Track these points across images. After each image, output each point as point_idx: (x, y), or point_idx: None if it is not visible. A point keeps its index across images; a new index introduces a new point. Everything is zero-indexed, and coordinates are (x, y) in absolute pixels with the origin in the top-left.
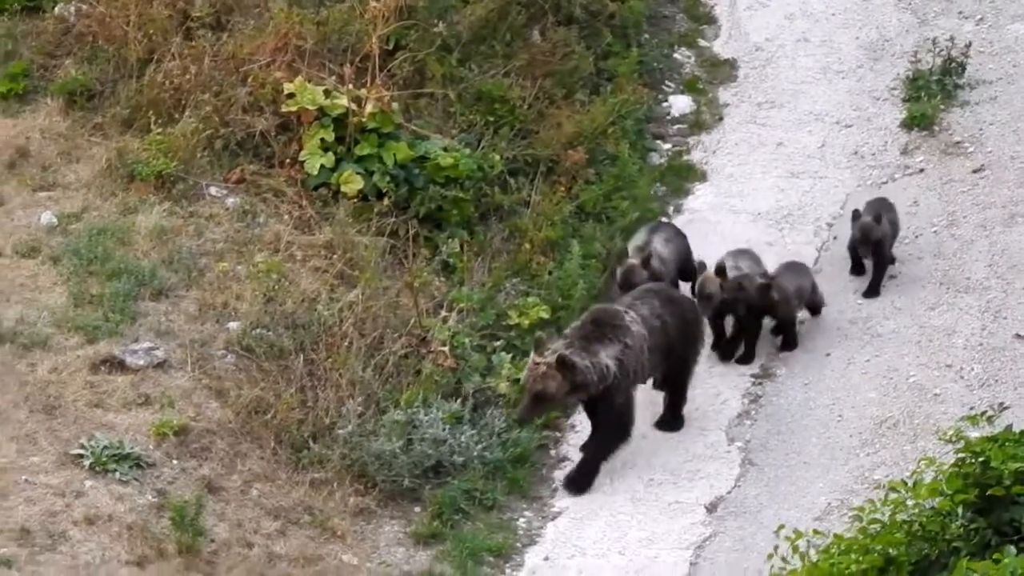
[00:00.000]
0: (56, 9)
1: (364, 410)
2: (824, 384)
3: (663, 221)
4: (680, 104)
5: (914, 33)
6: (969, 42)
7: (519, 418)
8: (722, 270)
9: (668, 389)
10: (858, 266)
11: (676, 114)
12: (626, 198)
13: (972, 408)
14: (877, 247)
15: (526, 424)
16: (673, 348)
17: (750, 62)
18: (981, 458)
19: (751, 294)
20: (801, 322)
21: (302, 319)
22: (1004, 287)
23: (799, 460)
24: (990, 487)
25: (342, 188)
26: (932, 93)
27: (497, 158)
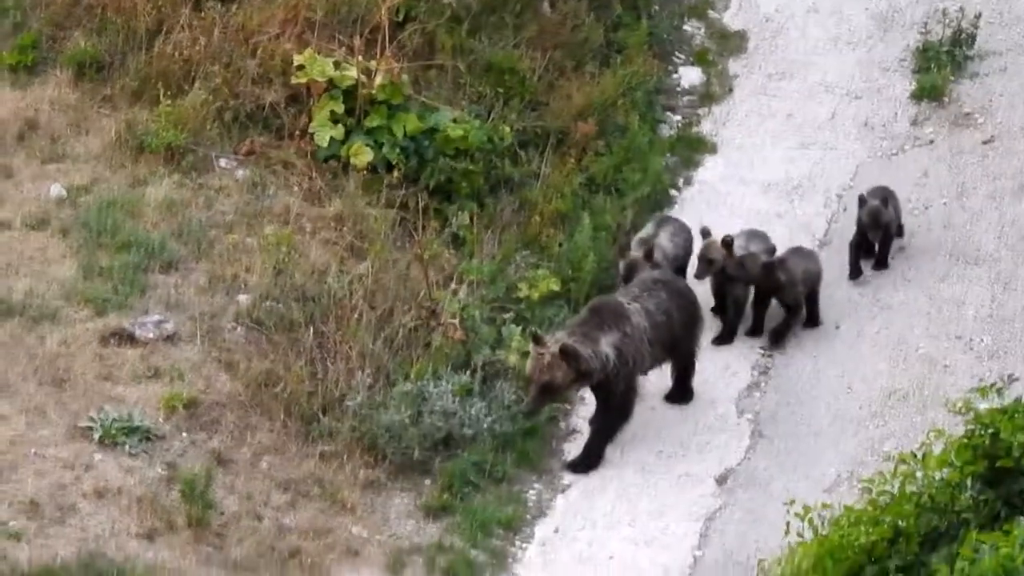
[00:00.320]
0: None
1: (374, 382)
2: (833, 356)
3: (669, 216)
4: (690, 76)
5: (924, 3)
6: (979, 13)
7: (528, 410)
8: (729, 243)
9: (676, 366)
10: (856, 269)
11: (686, 86)
12: (636, 170)
13: (981, 380)
14: (886, 229)
15: (535, 415)
16: (678, 340)
17: (760, 33)
18: (990, 430)
19: (754, 273)
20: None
21: (312, 291)
22: (1014, 258)
23: (808, 432)
24: (999, 459)
25: (352, 160)
26: (942, 64)
27: (507, 130)
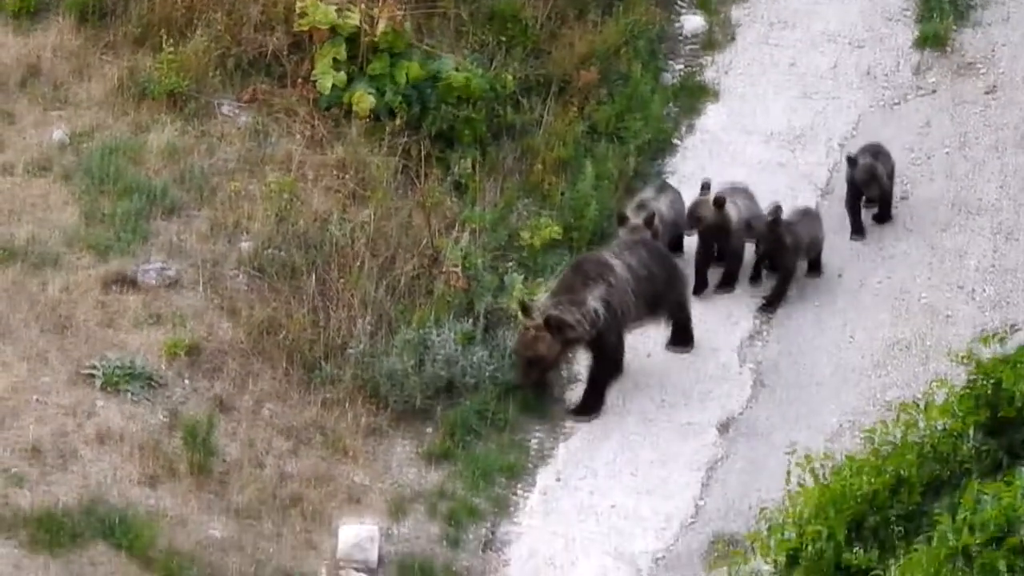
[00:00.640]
0: None
1: (376, 330)
2: (836, 305)
3: (666, 182)
4: (692, 24)
5: None
6: None
7: (518, 384)
8: (721, 203)
9: (669, 319)
10: (857, 222)
11: (688, 34)
12: (638, 118)
13: (984, 329)
14: (882, 183)
15: (527, 389)
16: (660, 297)
17: None
18: (992, 379)
19: (760, 233)
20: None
21: (314, 238)
22: (1016, 208)
23: (811, 381)
24: (1001, 408)
25: (354, 107)
26: (945, 13)
27: (509, 77)
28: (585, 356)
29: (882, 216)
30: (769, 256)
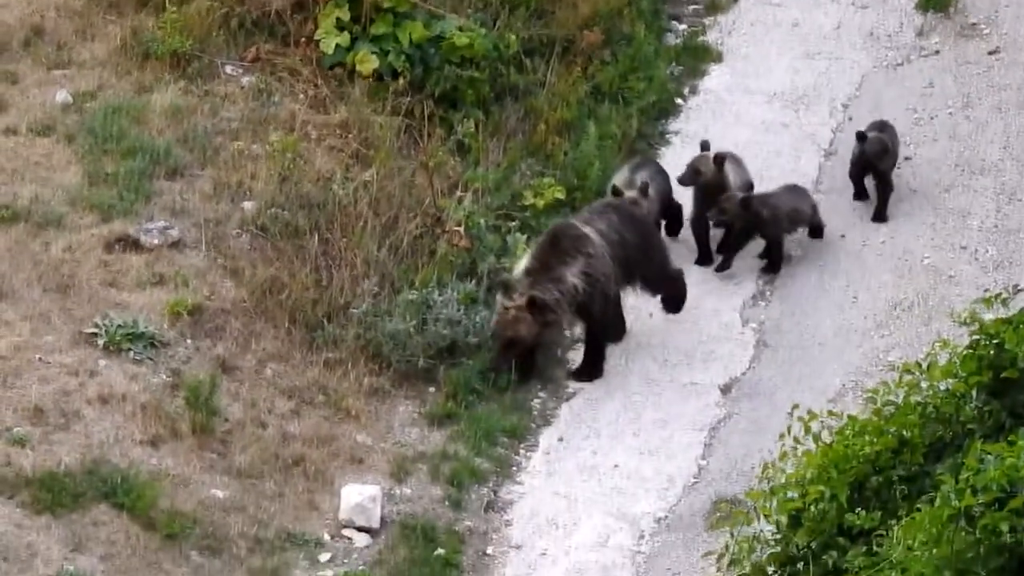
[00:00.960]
0: None
1: (379, 290)
2: (838, 266)
3: (647, 158)
4: None
5: None
6: None
7: (495, 368)
8: (721, 161)
9: (653, 287)
10: (861, 191)
11: None
12: (642, 79)
13: (987, 290)
14: (893, 157)
15: (503, 371)
16: (632, 262)
17: None
18: (995, 340)
19: (733, 214)
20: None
21: (317, 198)
22: (1019, 169)
23: (813, 342)
24: (1004, 369)
25: (357, 67)
26: None
27: (513, 38)
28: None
29: (878, 215)
30: (748, 233)
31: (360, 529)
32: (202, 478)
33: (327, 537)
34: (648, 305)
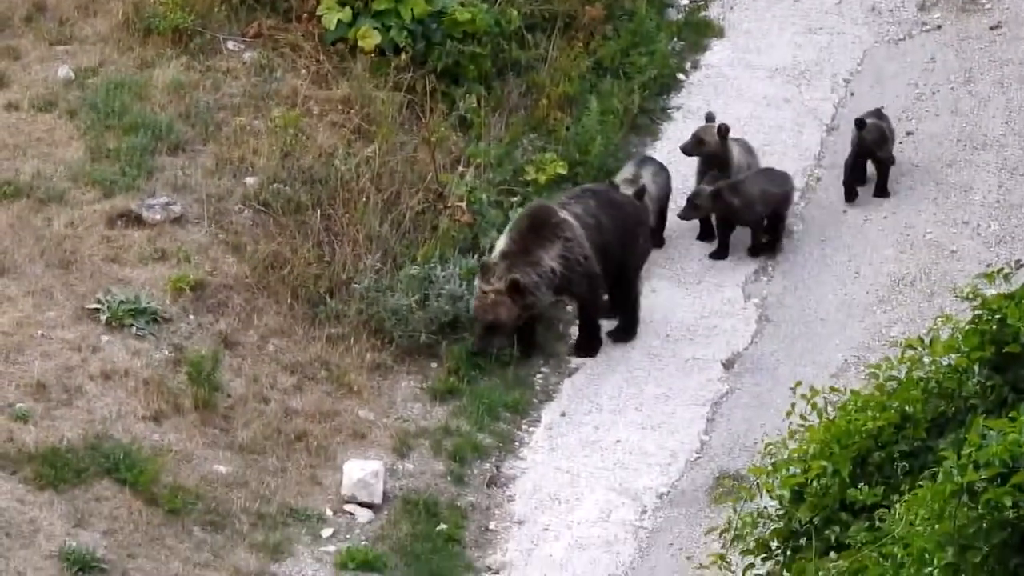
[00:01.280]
0: None
1: (381, 265)
2: (841, 241)
3: (650, 156)
4: None
5: None
6: None
7: (476, 350)
8: (724, 133)
9: (616, 303)
10: (858, 177)
11: None
12: (644, 54)
13: (989, 265)
14: (879, 150)
15: (485, 354)
16: (608, 250)
17: None
18: (998, 315)
19: (707, 207)
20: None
21: (319, 174)
22: (1021, 144)
23: (815, 317)
24: (1007, 344)
25: (359, 43)
26: None
27: (514, 13)
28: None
29: (882, 187)
30: (728, 222)
31: (362, 504)
32: (204, 453)
33: (329, 512)
34: (650, 281)
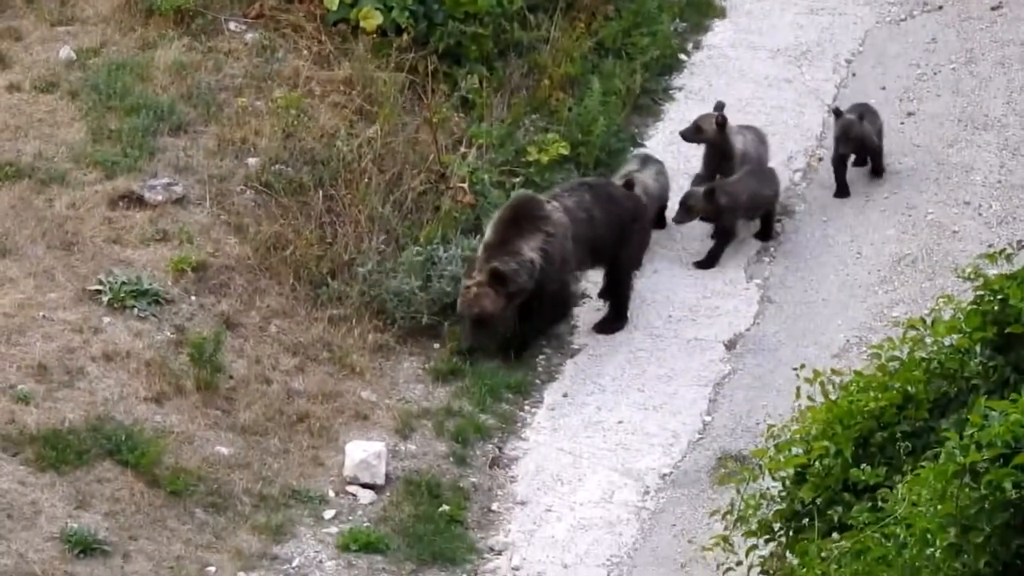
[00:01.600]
0: None
1: (383, 246)
2: (843, 221)
3: (650, 155)
4: None
5: None
6: None
7: (467, 347)
8: (722, 123)
9: (606, 293)
10: (843, 187)
11: None
12: (645, 34)
13: (991, 245)
14: (860, 145)
15: (477, 350)
16: (601, 244)
17: None
18: (999, 296)
19: (699, 209)
20: (779, 220)
21: (321, 155)
22: (1022, 124)
23: (817, 297)
24: (1009, 325)
25: (361, 23)
26: None
27: None
28: (595, 275)
29: (875, 171)
30: (710, 220)
31: (365, 486)
32: (206, 435)
33: (332, 494)
34: (652, 262)
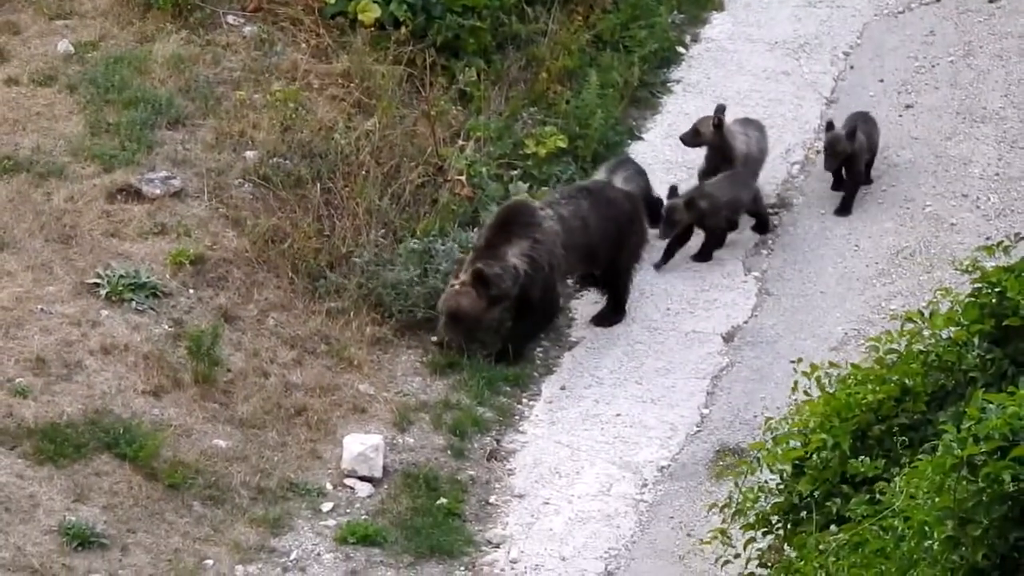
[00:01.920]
0: None
1: (381, 239)
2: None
3: (626, 158)
4: None
5: None
6: None
7: (436, 341)
8: (718, 123)
9: (604, 288)
10: (838, 181)
11: None
12: (643, 27)
13: (988, 238)
14: (847, 161)
15: (455, 348)
16: (596, 249)
17: None
18: (997, 288)
19: (684, 219)
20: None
21: (319, 148)
22: (1020, 117)
23: (815, 290)
24: (1006, 317)
25: (359, 16)
26: None
27: None
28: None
29: (842, 208)
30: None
31: (362, 478)
32: (204, 428)
33: (329, 487)
34: (651, 255)
